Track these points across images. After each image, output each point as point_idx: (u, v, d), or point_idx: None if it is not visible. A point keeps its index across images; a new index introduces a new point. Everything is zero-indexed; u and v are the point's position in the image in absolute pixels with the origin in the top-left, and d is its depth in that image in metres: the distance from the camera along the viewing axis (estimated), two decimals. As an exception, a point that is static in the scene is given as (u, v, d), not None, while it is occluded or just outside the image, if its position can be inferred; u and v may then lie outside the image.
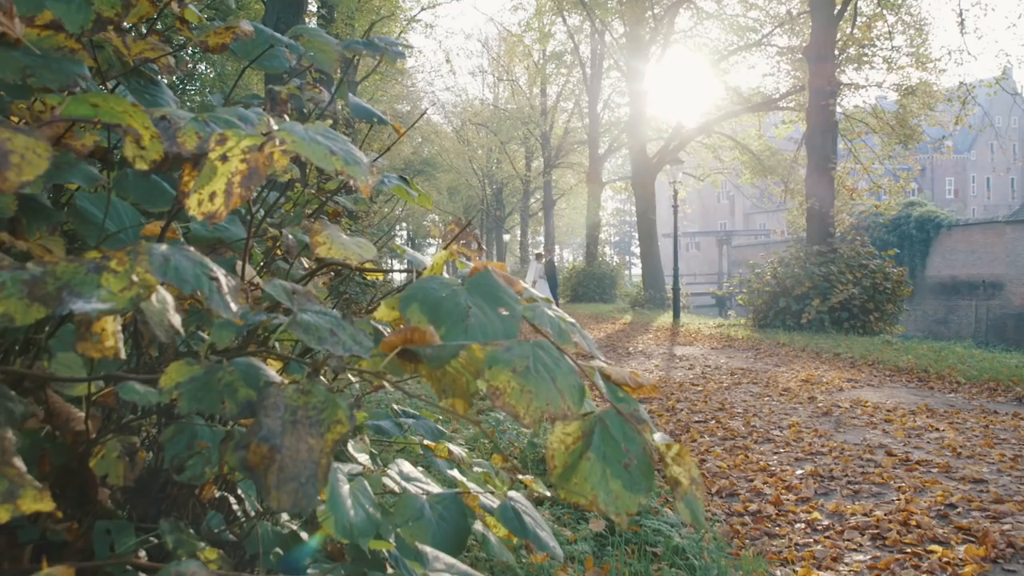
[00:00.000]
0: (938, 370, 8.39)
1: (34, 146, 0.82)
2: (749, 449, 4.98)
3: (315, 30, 1.78)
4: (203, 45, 1.54)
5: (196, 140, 1.06)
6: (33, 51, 1.23)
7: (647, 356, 10.65)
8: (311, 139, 0.99)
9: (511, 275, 1.16)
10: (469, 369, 1.05)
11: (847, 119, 19.32)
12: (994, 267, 33.85)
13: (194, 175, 1.01)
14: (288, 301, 0.98)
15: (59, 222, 1.33)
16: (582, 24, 27.84)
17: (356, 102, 1.79)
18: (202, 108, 1.73)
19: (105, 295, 0.79)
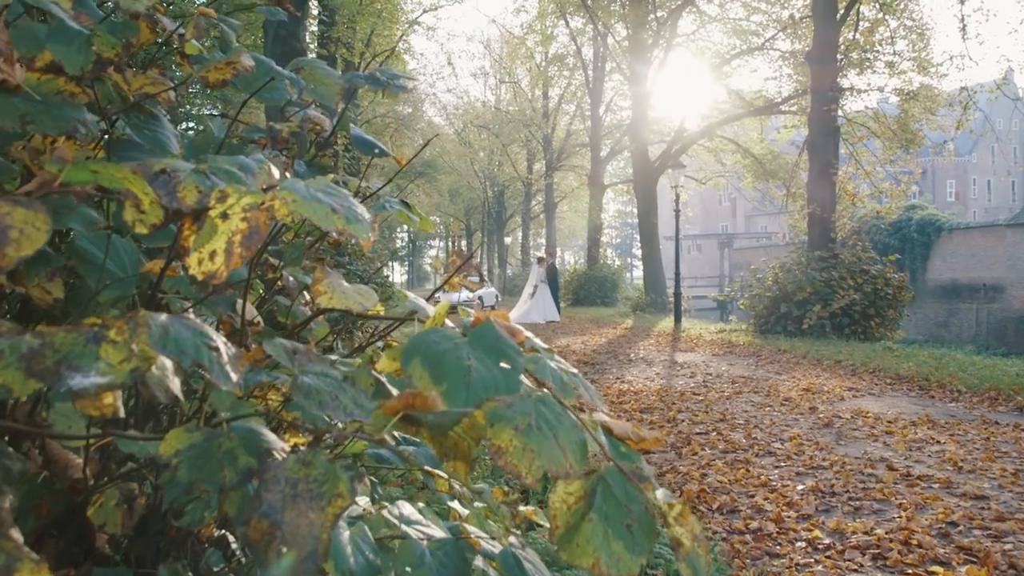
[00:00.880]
0: (939, 378, 8.38)
1: (33, 219, 0.81)
2: (750, 463, 4.97)
3: (316, 62, 1.77)
4: (204, 80, 1.53)
5: (196, 195, 1.05)
6: (32, 97, 1.23)
7: (648, 363, 10.64)
8: (312, 197, 0.98)
9: (514, 328, 1.15)
10: (471, 434, 1.04)
11: (849, 123, 19.31)
12: (995, 270, 33.85)
13: (194, 229, 1.00)
14: (289, 362, 0.97)
15: (58, 266, 1.32)
16: (584, 27, 27.85)
17: (358, 134, 1.78)
18: (203, 142, 1.72)
19: (104, 368, 0.79)
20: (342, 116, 1.75)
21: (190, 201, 1.04)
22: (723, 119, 23.18)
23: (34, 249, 0.81)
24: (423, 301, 1.37)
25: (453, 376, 1.04)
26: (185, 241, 1.02)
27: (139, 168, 1.06)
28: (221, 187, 1.04)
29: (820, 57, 15.33)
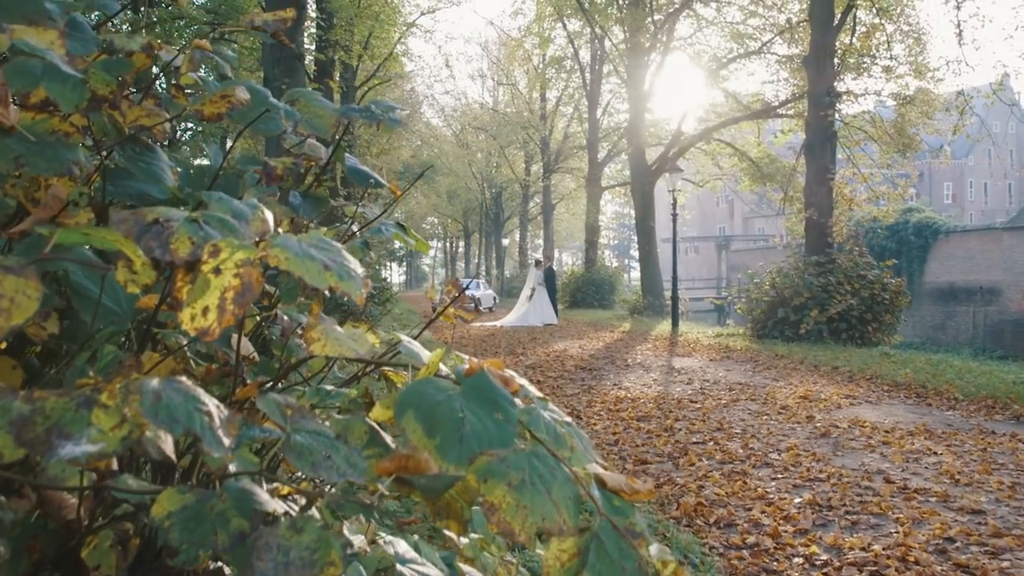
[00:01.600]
0: (936, 386, 8.39)
1: (24, 287, 0.81)
2: (747, 474, 4.97)
3: (312, 94, 1.77)
4: (199, 114, 1.53)
5: (189, 246, 1.05)
6: (27, 137, 1.23)
7: (645, 369, 10.64)
8: (305, 255, 0.98)
9: (507, 376, 1.15)
10: (464, 497, 1.04)
11: (846, 127, 19.33)
12: (991, 273, 33.90)
13: (187, 280, 1.00)
14: (282, 420, 0.97)
15: (54, 307, 1.32)
16: (582, 29, 27.86)
17: (353, 165, 1.78)
18: (199, 173, 1.72)
19: (95, 435, 0.79)
20: (337, 146, 1.75)
21: (183, 253, 1.04)
22: (720, 122, 23.20)
23: (25, 318, 0.81)
24: (417, 346, 1.36)
25: (446, 429, 1.04)
26: (178, 292, 1.02)
27: (132, 217, 1.06)
28: (215, 238, 1.04)
29: (817, 62, 15.36)
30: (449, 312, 1.77)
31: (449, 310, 1.77)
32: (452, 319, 1.77)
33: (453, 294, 1.77)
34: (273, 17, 1.75)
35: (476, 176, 44.96)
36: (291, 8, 8.41)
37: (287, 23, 1.75)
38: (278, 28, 1.73)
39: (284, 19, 1.75)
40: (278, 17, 1.75)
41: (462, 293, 1.77)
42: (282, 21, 1.75)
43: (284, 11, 1.75)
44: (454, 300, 1.77)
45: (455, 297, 1.77)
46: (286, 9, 1.75)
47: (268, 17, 1.75)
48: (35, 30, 1.16)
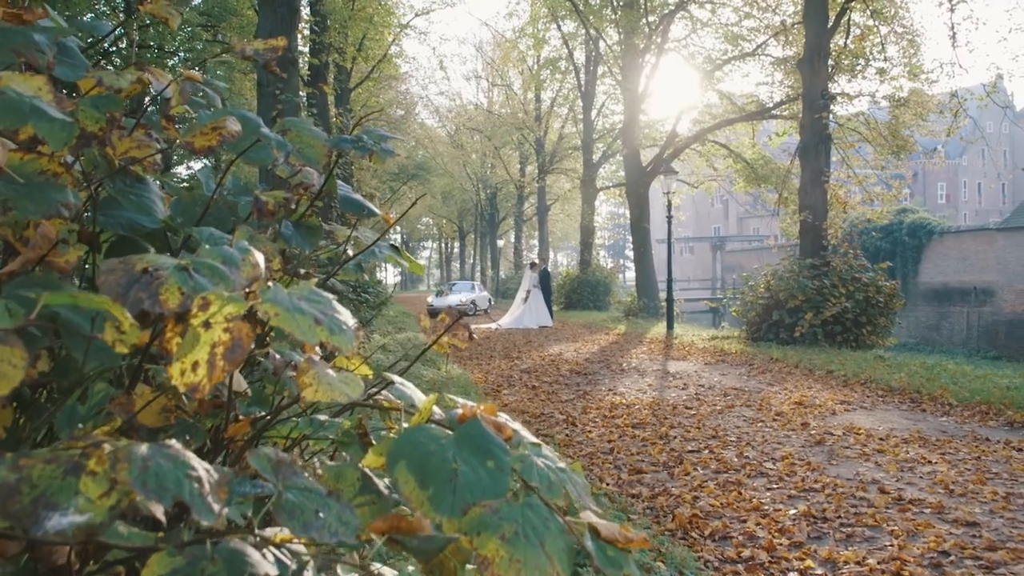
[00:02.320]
0: (930, 391, 8.41)
1: (9, 356, 0.80)
2: (742, 484, 4.97)
3: (303, 123, 1.76)
4: (189, 146, 1.51)
5: (179, 297, 1.04)
6: (15, 179, 1.21)
7: (641, 373, 10.64)
8: (295, 309, 0.97)
9: (500, 423, 1.14)
10: (457, 556, 1.03)
11: (840, 128, 19.37)
12: (985, 274, 34.02)
13: (177, 331, 0.99)
14: (273, 476, 0.95)
15: (43, 346, 1.31)
16: (577, 31, 27.85)
17: (345, 194, 1.77)
18: (190, 203, 1.70)
19: (83, 504, 0.78)
20: (330, 175, 1.74)
21: (172, 304, 1.03)
22: (715, 124, 23.22)
23: (11, 388, 0.80)
24: (410, 387, 1.35)
25: (439, 481, 1.03)
26: (168, 343, 1.01)
27: (120, 267, 1.05)
28: (205, 289, 1.03)
29: (811, 65, 15.38)
30: (443, 341, 1.75)
31: (443, 339, 1.76)
32: (446, 348, 1.76)
33: (447, 322, 1.77)
34: (264, 46, 1.74)
35: (471, 177, 44.94)
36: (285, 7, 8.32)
37: (278, 51, 1.74)
38: (269, 57, 1.72)
39: (275, 47, 1.74)
40: (269, 46, 1.74)
41: (457, 320, 1.76)
42: (273, 50, 1.74)
43: (275, 40, 1.74)
44: (449, 328, 1.76)
45: (450, 324, 1.76)
46: (278, 38, 1.74)
47: (259, 46, 1.74)
48: (22, 76, 1.15)
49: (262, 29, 10.41)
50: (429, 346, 1.69)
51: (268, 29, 10.25)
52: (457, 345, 1.73)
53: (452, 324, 1.73)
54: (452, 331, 1.74)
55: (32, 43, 1.45)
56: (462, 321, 1.78)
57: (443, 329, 1.73)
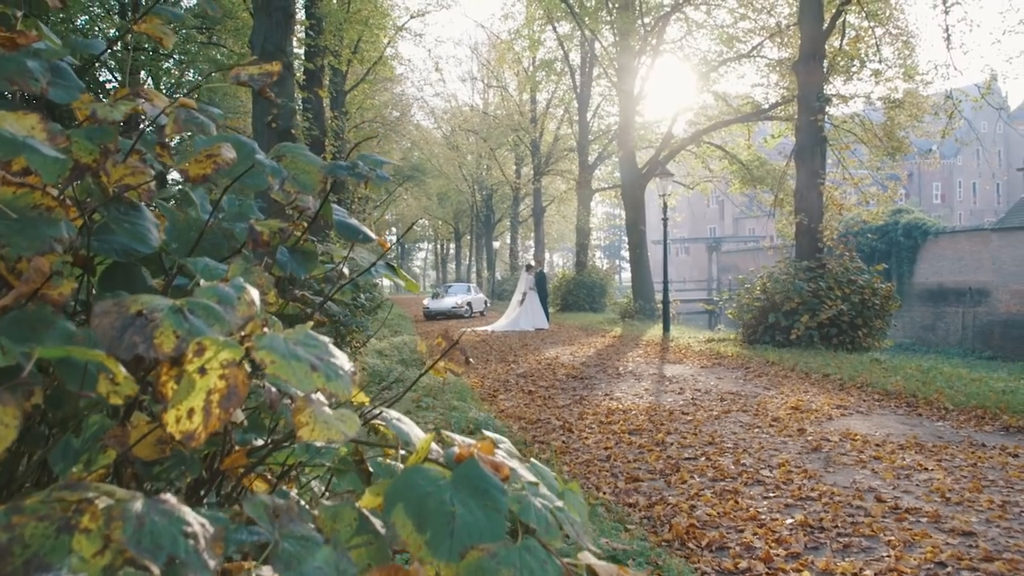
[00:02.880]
0: (926, 395, 8.42)
1: (3, 415, 0.79)
2: (739, 493, 4.97)
3: (298, 149, 1.75)
4: (184, 174, 1.50)
5: (174, 340, 1.03)
6: (8, 215, 1.20)
7: (637, 377, 10.64)
8: (291, 355, 0.96)
9: (498, 462, 1.13)
10: None
11: (836, 129, 19.40)
12: (980, 274, 34.10)
13: (172, 374, 0.98)
14: (269, 524, 0.95)
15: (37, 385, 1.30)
16: (572, 32, 27.88)
17: (341, 220, 1.76)
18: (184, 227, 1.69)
19: (76, 564, 0.77)
20: (325, 202, 1.73)
21: (167, 349, 1.02)
22: (711, 125, 23.25)
23: (4, 448, 0.79)
24: (407, 423, 1.34)
25: (437, 524, 1.03)
26: (163, 387, 1.00)
27: (115, 309, 1.04)
28: (200, 332, 1.02)
29: (806, 66, 15.40)
30: (439, 366, 1.75)
31: (439, 364, 1.75)
32: (443, 373, 1.75)
33: (443, 347, 1.76)
34: (259, 71, 1.73)
35: (467, 178, 44.93)
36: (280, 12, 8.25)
37: (273, 76, 1.73)
38: (264, 83, 1.71)
39: (270, 72, 1.73)
40: (264, 71, 1.73)
41: (453, 345, 1.76)
42: (268, 75, 1.73)
43: (270, 65, 1.73)
44: (444, 353, 1.75)
45: (447, 350, 1.76)
46: (272, 63, 1.73)
47: (254, 71, 1.73)
48: (15, 116, 1.14)
49: (257, 33, 10.38)
50: (424, 372, 1.68)
51: (263, 33, 10.23)
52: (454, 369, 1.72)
53: (448, 350, 1.72)
54: (448, 356, 1.73)
55: (26, 70, 1.44)
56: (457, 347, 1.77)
57: (439, 355, 1.72)
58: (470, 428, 6.64)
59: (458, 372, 1.75)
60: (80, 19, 20.17)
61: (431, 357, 1.75)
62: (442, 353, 1.73)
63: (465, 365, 1.77)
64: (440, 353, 1.74)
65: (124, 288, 1.48)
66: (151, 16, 1.82)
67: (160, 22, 1.87)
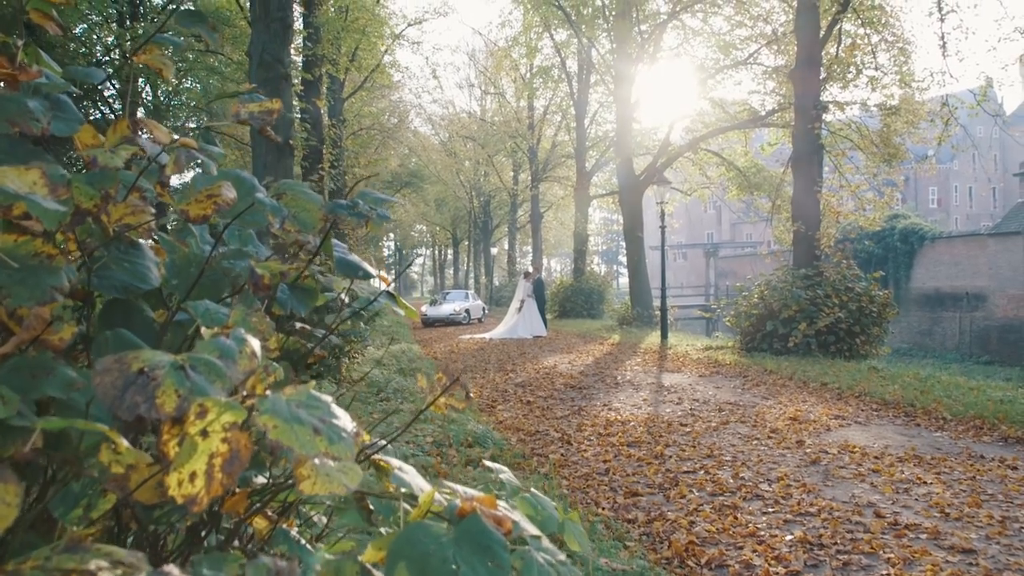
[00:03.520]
0: (924, 404, 8.42)
1: (3, 493, 0.79)
2: (738, 508, 4.96)
3: (299, 186, 1.75)
4: (184, 214, 1.50)
5: (176, 399, 1.03)
6: (9, 264, 1.20)
7: (635, 387, 10.64)
8: (294, 419, 0.96)
9: (500, 516, 1.13)
10: None
11: (832, 135, 19.45)
12: (977, 279, 34.19)
13: (174, 433, 0.98)
14: (271, 588, 0.95)
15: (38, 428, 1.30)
16: (569, 40, 27.93)
17: (341, 257, 1.76)
18: (184, 263, 1.68)
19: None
20: (326, 239, 1.73)
21: (169, 409, 1.02)
22: (708, 132, 23.30)
23: (3, 527, 0.79)
24: (411, 471, 1.34)
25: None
26: (165, 447, 1.00)
27: (116, 367, 1.04)
28: (202, 390, 1.02)
29: (803, 74, 15.44)
30: (440, 402, 1.75)
31: (440, 400, 1.75)
32: (443, 409, 1.75)
33: (445, 383, 1.76)
34: (259, 108, 1.73)
35: (464, 184, 44.97)
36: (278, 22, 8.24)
37: (273, 115, 1.74)
38: (264, 122, 1.71)
39: (270, 111, 1.73)
40: (264, 108, 1.73)
41: (456, 381, 1.76)
42: (268, 113, 1.73)
43: (271, 103, 1.73)
44: (446, 390, 1.75)
45: (448, 386, 1.75)
46: (272, 100, 1.74)
47: (254, 108, 1.73)
48: (16, 171, 1.14)
49: (255, 43, 10.39)
50: (425, 407, 1.68)
51: (261, 44, 10.23)
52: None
53: (450, 386, 1.72)
54: (450, 392, 1.73)
55: (27, 111, 1.44)
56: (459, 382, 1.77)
57: (440, 391, 1.72)
58: (469, 441, 6.64)
59: (460, 407, 1.75)
60: (79, 27, 20.19)
61: (432, 392, 1.75)
62: (443, 390, 1.73)
63: (466, 401, 1.77)
64: (441, 389, 1.74)
65: (124, 325, 1.48)
66: (151, 46, 1.82)
67: (160, 52, 1.87)
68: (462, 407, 1.81)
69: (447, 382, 1.74)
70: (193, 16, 1.97)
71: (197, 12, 1.98)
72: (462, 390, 1.76)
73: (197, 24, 1.93)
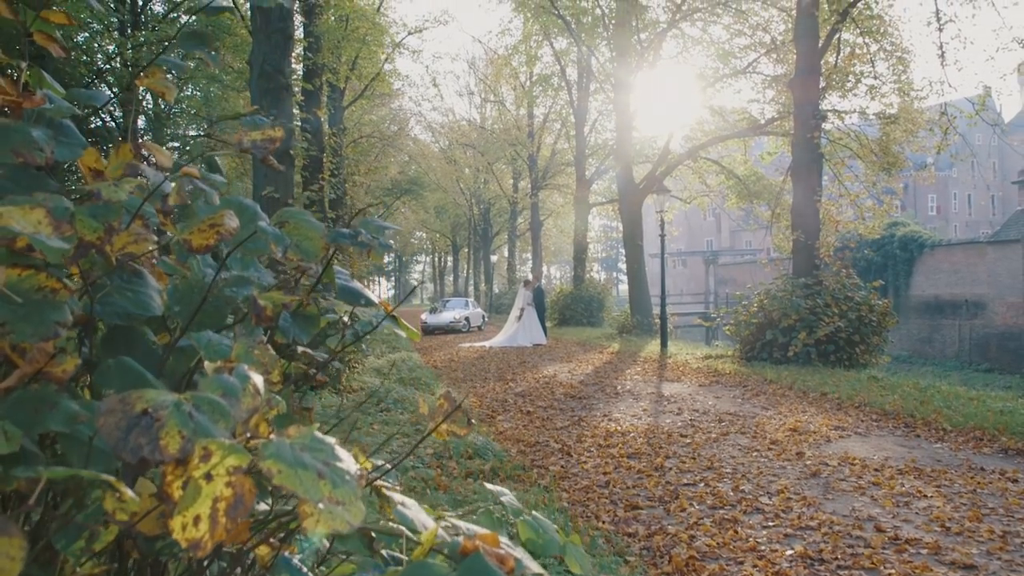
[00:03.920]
0: (924, 415, 8.42)
1: (7, 547, 0.79)
2: (738, 521, 4.96)
3: (301, 214, 1.76)
4: (186, 244, 1.51)
5: (179, 441, 1.03)
6: (13, 299, 1.21)
7: (635, 397, 10.64)
8: (298, 463, 0.96)
9: (503, 555, 1.13)
10: None
11: (832, 144, 19.50)
12: (976, 287, 34.19)
13: (178, 474, 0.99)
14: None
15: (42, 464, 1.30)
16: (569, 48, 28.01)
17: (344, 284, 1.77)
18: (186, 289, 1.69)
19: None
20: (328, 268, 1.74)
21: (173, 450, 1.02)
22: (707, 140, 23.34)
23: (9, 581, 0.79)
24: (414, 506, 1.34)
25: (442, 625, 1.03)
26: (168, 488, 1.00)
27: (119, 408, 1.04)
28: (205, 431, 1.03)
29: (802, 83, 15.47)
30: (442, 429, 1.75)
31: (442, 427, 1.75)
32: (445, 436, 1.75)
33: (446, 409, 1.76)
34: (262, 136, 1.74)
35: (464, 192, 45.03)
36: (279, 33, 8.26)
37: (276, 143, 1.74)
38: (266, 151, 1.72)
39: (273, 139, 1.74)
40: (267, 137, 1.74)
41: (457, 408, 1.76)
42: (271, 141, 1.73)
43: (273, 130, 1.74)
44: (448, 416, 1.76)
45: (450, 412, 1.76)
46: (275, 128, 1.74)
47: (257, 137, 1.74)
48: (21, 210, 1.14)
49: (256, 54, 10.41)
50: (432, 430, 1.69)
51: (262, 54, 10.25)
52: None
53: (452, 412, 1.73)
54: (451, 419, 1.74)
55: (31, 141, 1.45)
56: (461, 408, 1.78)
57: (442, 418, 1.72)
58: (469, 453, 6.63)
59: (461, 434, 1.76)
60: (80, 36, 20.22)
61: (433, 419, 1.75)
62: (444, 416, 1.74)
63: (468, 427, 1.77)
64: (443, 416, 1.74)
65: (126, 351, 1.49)
66: (154, 69, 1.83)
67: (162, 75, 1.88)
68: (464, 433, 1.81)
69: (448, 408, 1.75)
70: (196, 38, 1.98)
71: (200, 34, 2.00)
72: (463, 416, 1.76)
73: (200, 46, 1.94)
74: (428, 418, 1.80)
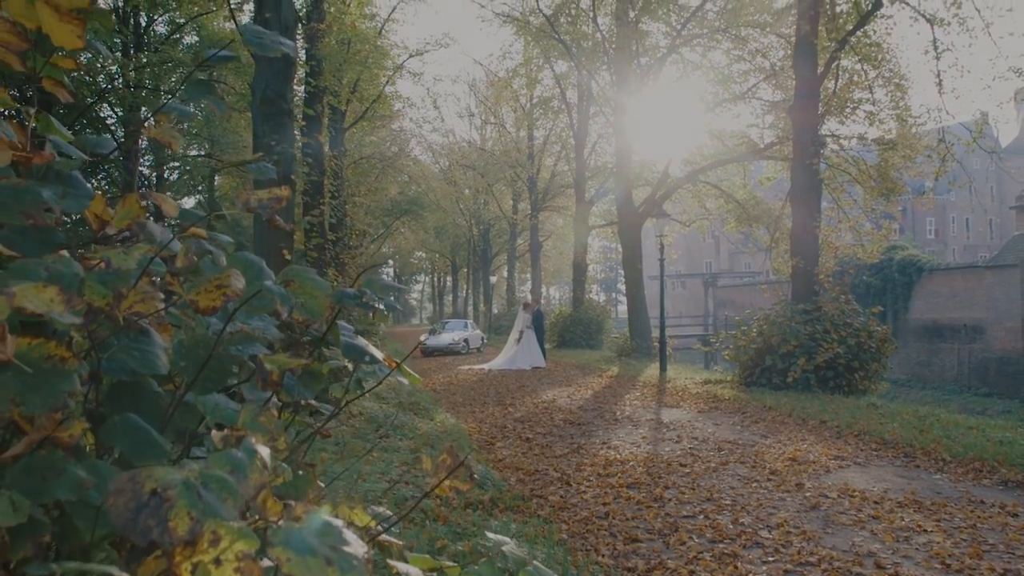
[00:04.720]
0: (923, 444, 8.41)
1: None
2: (738, 556, 4.94)
3: (306, 272, 1.78)
4: (193, 305, 1.52)
5: (188, 523, 1.04)
6: (24, 370, 1.22)
7: (634, 424, 10.62)
8: (308, 550, 0.98)
9: None
10: None
11: (830, 169, 19.60)
12: (975, 311, 34.19)
13: (187, 555, 1.00)
14: None
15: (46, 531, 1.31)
16: (569, 72, 28.20)
17: (348, 341, 1.78)
18: (192, 344, 1.70)
19: None
20: (332, 325, 1.75)
21: (182, 532, 1.03)
22: (707, 164, 23.47)
23: None
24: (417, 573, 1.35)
25: None
26: (177, 569, 1.01)
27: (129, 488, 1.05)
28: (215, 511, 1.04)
29: (801, 110, 15.57)
30: (445, 485, 1.76)
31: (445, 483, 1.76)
32: (448, 491, 1.76)
33: (449, 464, 1.78)
34: (268, 196, 1.76)
35: (464, 212, 45.16)
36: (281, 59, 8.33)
37: (282, 202, 1.76)
38: (271, 211, 1.74)
39: (279, 198, 1.76)
40: (273, 195, 1.76)
41: (461, 464, 1.78)
42: (277, 200, 1.76)
43: (279, 189, 1.76)
44: (452, 472, 1.77)
45: (453, 469, 1.77)
46: (282, 188, 1.77)
47: (263, 196, 1.76)
48: (35, 288, 1.16)
49: (258, 80, 10.49)
50: (429, 492, 1.70)
51: (264, 80, 10.34)
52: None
53: (455, 468, 1.74)
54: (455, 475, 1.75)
55: (40, 202, 1.47)
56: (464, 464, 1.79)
57: (445, 475, 1.74)
58: (468, 483, 6.60)
59: (464, 488, 1.77)
60: (83, 57, 20.36)
61: (436, 475, 1.76)
62: (448, 472, 1.75)
63: (471, 482, 1.78)
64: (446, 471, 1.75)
65: (132, 406, 1.51)
66: (161, 116, 1.86)
67: (169, 124, 1.90)
68: (466, 488, 1.82)
69: (452, 463, 1.76)
70: (201, 87, 2.01)
71: (205, 83, 2.02)
72: (467, 471, 1.77)
73: (206, 95, 1.97)
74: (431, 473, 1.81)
